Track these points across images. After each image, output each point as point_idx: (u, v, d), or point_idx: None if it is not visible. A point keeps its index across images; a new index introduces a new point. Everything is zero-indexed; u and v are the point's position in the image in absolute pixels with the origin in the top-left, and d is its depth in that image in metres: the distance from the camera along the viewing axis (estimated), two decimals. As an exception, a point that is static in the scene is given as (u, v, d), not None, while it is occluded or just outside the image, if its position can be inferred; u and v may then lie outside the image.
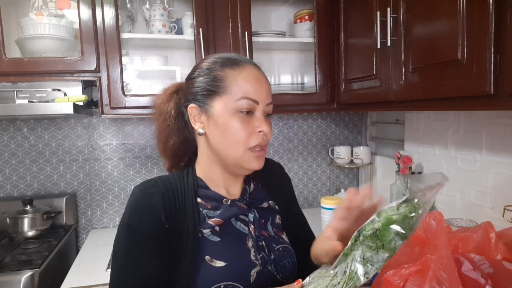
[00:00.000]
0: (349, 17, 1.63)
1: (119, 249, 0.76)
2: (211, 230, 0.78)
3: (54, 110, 1.41)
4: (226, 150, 0.78)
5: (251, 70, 0.80)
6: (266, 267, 0.80)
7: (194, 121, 0.81)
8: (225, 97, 0.77)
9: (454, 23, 0.98)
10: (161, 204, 0.76)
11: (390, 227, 0.60)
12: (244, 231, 0.82)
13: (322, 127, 2.16)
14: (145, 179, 0.85)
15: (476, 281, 0.72)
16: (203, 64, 0.83)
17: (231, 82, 0.77)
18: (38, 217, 1.61)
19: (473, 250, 0.84)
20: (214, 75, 0.78)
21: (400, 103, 1.30)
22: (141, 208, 0.75)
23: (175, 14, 1.75)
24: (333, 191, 2.19)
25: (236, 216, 0.83)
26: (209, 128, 0.79)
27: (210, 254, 0.76)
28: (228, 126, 0.76)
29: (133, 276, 0.73)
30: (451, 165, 1.50)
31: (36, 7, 1.57)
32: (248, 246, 0.80)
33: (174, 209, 0.77)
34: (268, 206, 0.90)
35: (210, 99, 0.78)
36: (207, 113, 0.79)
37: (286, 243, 0.88)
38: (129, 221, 0.76)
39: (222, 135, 0.77)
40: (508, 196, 1.23)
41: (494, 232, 0.85)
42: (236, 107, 0.76)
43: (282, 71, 2.04)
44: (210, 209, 0.81)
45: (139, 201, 0.76)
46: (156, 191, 0.77)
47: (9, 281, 1.26)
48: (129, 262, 0.74)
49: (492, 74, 0.89)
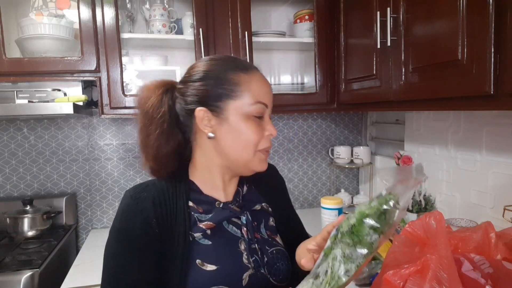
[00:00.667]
0: (349, 17, 1.63)
1: (110, 253, 0.76)
2: (202, 233, 0.78)
3: (54, 110, 1.40)
4: (237, 153, 0.78)
5: (259, 75, 0.81)
6: (259, 270, 0.79)
7: (202, 124, 0.79)
8: (239, 101, 0.76)
9: (454, 23, 0.98)
10: (152, 208, 0.75)
11: (363, 221, 0.60)
12: (236, 234, 0.81)
13: (322, 127, 2.16)
14: (145, 179, 0.84)
15: (476, 281, 0.72)
16: (209, 66, 0.80)
17: (245, 86, 0.77)
18: (38, 217, 1.61)
19: (473, 250, 0.84)
20: (228, 79, 0.77)
21: (400, 103, 1.30)
22: (132, 213, 0.75)
23: (175, 14, 1.75)
24: (333, 191, 2.19)
25: (228, 219, 0.82)
26: (220, 131, 0.78)
27: (201, 257, 0.75)
28: (242, 129, 0.77)
29: (123, 280, 0.73)
30: (451, 165, 1.50)
31: (36, 7, 1.57)
32: (240, 249, 0.80)
33: (165, 213, 0.76)
34: (261, 208, 0.89)
35: (223, 102, 0.77)
36: (219, 117, 0.78)
37: (280, 246, 0.87)
38: (119, 225, 0.76)
39: (235, 139, 0.77)
40: (508, 196, 1.23)
41: (494, 232, 0.85)
42: (251, 111, 0.77)
43: (282, 71, 2.04)
44: (201, 212, 0.80)
45: (130, 205, 0.76)
46: (147, 195, 0.77)
47: (9, 281, 1.26)
48: (119, 266, 0.74)
49: (492, 74, 0.89)
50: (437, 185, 1.58)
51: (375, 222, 0.60)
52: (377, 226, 0.60)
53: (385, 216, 0.60)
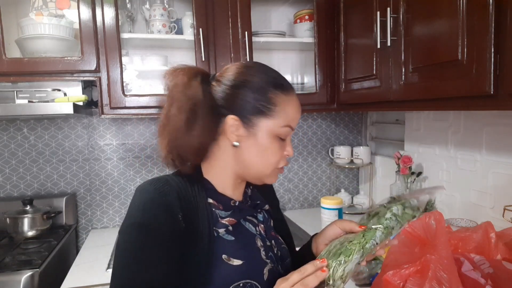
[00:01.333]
0: (349, 17, 1.63)
1: (128, 250, 0.71)
2: (225, 229, 0.78)
3: (54, 110, 1.40)
4: (257, 168, 0.80)
5: (295, 99, 0.82)
6: (275, 266, 0.82)
7: (230, 132, 0.78)
8: (272, 120, 0.77)
9: (454, 23, 0.98)
10: (178, 202, 0.73)
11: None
12: (252, 231, 0.84)
13: (322, 127, 2.16)
14: (145, 179, 0.84)
15: (476, 281, 0.72)
16: (254, 78, 0.78)
17: (282, 108, 0.78)
18: (38, 217, 1.61)
19: (473, 250, 0.84)
20: (268, 96, 0.77)
21: (400, 103, 1.30)
22: (157, 206, 0.72)
23: (175, 14, 1.75)
24: (333, 191, 2.19)
25: (245, 217, 0.84)
26: (246, 143, 0.78)
27: (226, 253, 0.76)
28: (267, 148, 0.78)
29: (145, 279, 0.69)
30: (451, 165, 1.50)
31: (36, 7, 1.57)
32: (258, 246, 0.82)
33: (190, 209, 0.75)
34: (268, 208, 0.92)
35: (257, 118, 0.77)
36: (248, 130, 0.77)
37: (284, 244, 0.91)
38: (142, 220, 0.71)
39: (259, 154, 0.78)
40: (508, 196, 1.23)
41: (494, 232, 0.85)
42: (279, 132, 0.78)
43: (282, 71, 2.00)
44: (222, 209, 0.81)
45: (154, 199, 0.73)
46: (171, 189, 0.74)
47: (9, 281, 1.26)
48: (140, 263, 0.69)
49: (492, 74, 0.89)
50: (437, 185, 1.58)
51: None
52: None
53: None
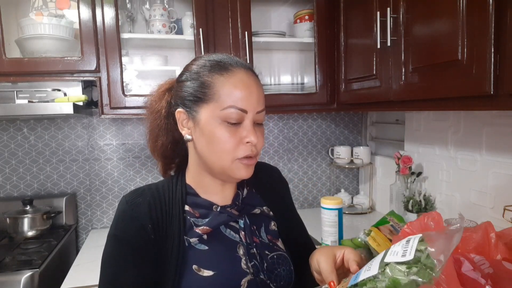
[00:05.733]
0: (349, 17, 1.63)
1: (107, 258, 0.76)
2: (198, 238, 0.77)
3: (54, 110, 1.40)
4: (212, 159, 0.75)
5: (241, 76, 0.74)
6: (258, 276, 0.77)
7: (181, 126, 0.79)
8: (212, 105, 0.73)
9: (454, 23, 0.98)
10: (148, 214, 0.75)
11: None
12: (234, 238, 0.80)
13: (322, 127, 2.16)
14: (145, 179, 0.85)
15: (476, 281, 0.72)
16: (192, 66, 0.79)
17: (218, 89, 0.73)
18: (38, 217, 1.61)
19: (473, 250, 0.83)
20: (201, 81, 0.74)
21: (400, 103, 1.30)
22: (127, 219, 0.75)
23: (175, 14, 1.75)
24: (333, 191, 2.19)
25: (226, 224, 0.80)
26: (195, 135, 0.77)
27: (197, 263, 0.74)
28: (214, 135, 0.73)
29: (120, 285, 0.73)
30: (451, 165, 1.50)
31: (36, 7, 1.57)
32: (239, 254, 0.78)
33: (161, 218, 0.76)
34: (261, 212, 0.87)
35: (197, 105, 0.75)
36: (194, 120, 0.76)
37: (282, 251, 0.85)
38: (115, 232, 0.76)
39: (208, 144, 0.74)
40: (508, 196, 1.23)
41: (494, 232, 0.85)
42: (223, 116, 0.72)
43: (282, 71, 2.04)
44: (198, 217, 0.79)
45: (125, 211, 0.76)
46: (143, 200, 0.77)
47: (9, 281, 1.26)
48: (116, 272, 0.74)
49: (492, 74, 0.89)
50: (437, 185, 1.58)
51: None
52: None
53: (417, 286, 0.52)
